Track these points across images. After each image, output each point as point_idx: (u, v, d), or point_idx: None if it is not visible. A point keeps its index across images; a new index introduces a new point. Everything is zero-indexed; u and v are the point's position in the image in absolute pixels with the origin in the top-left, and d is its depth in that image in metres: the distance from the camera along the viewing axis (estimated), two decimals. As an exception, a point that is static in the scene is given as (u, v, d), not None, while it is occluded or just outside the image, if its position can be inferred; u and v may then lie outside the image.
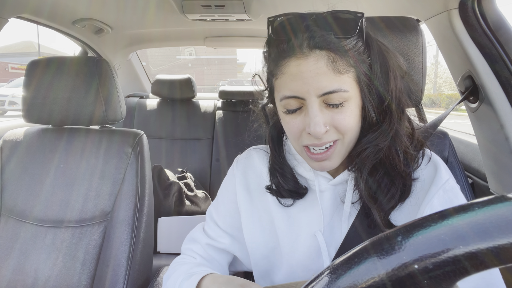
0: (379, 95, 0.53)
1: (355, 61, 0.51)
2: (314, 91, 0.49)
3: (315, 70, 0.49)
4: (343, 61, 0.50)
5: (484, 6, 0.85)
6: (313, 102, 0.50)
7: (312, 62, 0.49)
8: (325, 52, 0.49)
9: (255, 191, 0.67)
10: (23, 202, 1.02)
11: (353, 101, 0.52)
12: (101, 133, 1.09)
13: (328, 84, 0.49)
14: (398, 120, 0.54)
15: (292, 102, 0.52)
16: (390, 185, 0.55)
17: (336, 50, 0.49)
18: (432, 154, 0.60)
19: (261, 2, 1.36)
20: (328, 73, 0.49)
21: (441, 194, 0.54)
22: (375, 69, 0.53)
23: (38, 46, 17.13)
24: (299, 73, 0.50)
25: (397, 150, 0.54)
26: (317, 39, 0.49)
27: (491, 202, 0.21)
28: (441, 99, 11.53)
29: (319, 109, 0.51)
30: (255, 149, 0.71)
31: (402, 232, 0.22)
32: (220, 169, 2.06)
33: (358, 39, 0.52)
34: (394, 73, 0.54)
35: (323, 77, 0.49)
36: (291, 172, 0.63)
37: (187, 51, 4.71)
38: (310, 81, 0.49)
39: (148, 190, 1.06)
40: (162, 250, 1.55)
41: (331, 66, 0.49)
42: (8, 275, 0.96)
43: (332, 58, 0.49)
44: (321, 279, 0.23)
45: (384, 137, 0.53)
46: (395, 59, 0.56)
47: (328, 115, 0.51)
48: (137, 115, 2.22)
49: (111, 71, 1.08)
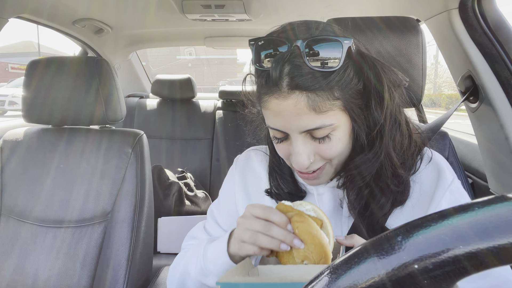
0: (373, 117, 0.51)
1: (341, 92, 0.48)
2: (295, 128, 0.49)
3: (295, 111, 0.47)
4: (326, 98, 0.47)
5: (484, 6, 0.85)
6: (296, 137, 0.50)
7: (292, 103, 0.47)
8: (305, 93, 0.46)
9: (253, 193, 0.67)
10: (23, 202, 1.02)
11: (341, 129, 0.50)
12: (101, 133, 1.09)
13: (310, 123, 0.48)
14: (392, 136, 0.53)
15: (277, 133, 0.52)
16: (381, 196, 0.55)
17: (317, 89, 0.46)
18: (433, 154, 0.60)
19: (261, 2, 1.36)
20: (309, 113, 0.47)
21: (448, 196, 0.54)
22: (367, 91, 0.51)
23: (38, 46, 17.12)
24: (279, 112, 0.49)
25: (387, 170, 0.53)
26: (297, 80, 0.46)
27: (491, 202, 0.21)
28: (441, 99, 11.52)
29: (303, 142, 0.50)
30: (254, 150, 0.71)
31: (402, 232, 0.22)
32: (220, 169, 2.06)
33: (346, 67, 0.49)
34: (390, 90, 0.52)
35: (304, 117, 0.47)
36: (290, 173, 0.63)
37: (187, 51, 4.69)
38: (291, 120, 0.48)
39: (148, 190, 1.06)
40: (162, 250, 1.55)
41: (312, 105, 0.47)
42: (8, 275, 0.96)
43: (312, 99, 0.46)
44: (321, 279, 0.23)
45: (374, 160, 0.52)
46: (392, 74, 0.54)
47: (313, 146, 0.51)
48: (137, 115, 2.22)
49: (111, 71, 1.08)
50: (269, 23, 1.82)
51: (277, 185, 0.63)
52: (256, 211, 0.48)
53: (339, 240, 0.49)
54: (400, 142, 0.54)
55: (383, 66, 0.53)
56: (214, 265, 0.55)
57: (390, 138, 0.53)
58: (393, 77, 0.54)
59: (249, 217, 0.49)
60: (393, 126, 0.53)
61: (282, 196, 0.62)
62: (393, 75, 0.54)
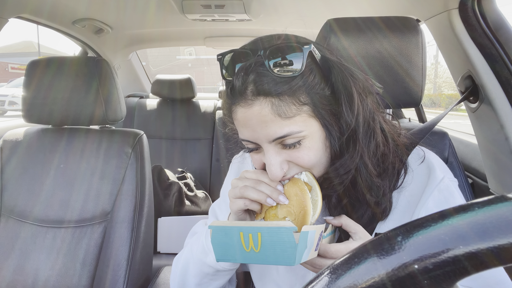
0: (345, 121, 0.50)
1: (308, 97, 0.48)
2: (264, 138, 0.48)
3: (261, 118, 0.47)
4: (291, 103, 0.47)
5: (484, 6, 0.85)
6: (266, 147, 0.49)
7: (257, 110, 0.47)
8: (269, 99, 0.46)
9: None
10: (23, 202, 1.02)
11: (312, 136, 0.50)
12: (101, 133, 1.09)
13: (278, 130, 0.47)
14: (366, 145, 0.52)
15: (249, 144, 0.52)
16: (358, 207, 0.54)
17: (281, 94, 0.46)
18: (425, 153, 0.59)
19: (261, 2, 1.36)
20: (274, 119, 0.47)
21: (436, 195, 0.53)
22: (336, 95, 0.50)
23: (38, 46, 17.12)
24: (246, 121, 0.49)
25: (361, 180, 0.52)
26: (259, 86, 0.46)
27: (491, 202, 0.21)
28: (441, 99, 11.53)
29: (274, 152, 0.50)
30: None
31: (402, 232, 0.22)
32: (220, 169, 2.06)
33: (310, 71, 0.49)
34: (360, 97, 0.51)
35: (270, 124, 0.47)
36: None
37: (187, 51, 4.68)
38: (258, 129, 0.48)
39: (148, 190, 1.06)
40: (162, 250, 1.55)
41: (278, 111, 0.46)
42: (8, 275, 0.96)
43: (277, 104, 0.46)
44: (321, 279, 0.23)
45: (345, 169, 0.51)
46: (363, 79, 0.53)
47: (286, 155, 0.50)
48: (137, 115, 2.22)
49: (111, 71, 1.08)
50: (269, 23, 1.82)
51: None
52: (249, 173, 0.52)
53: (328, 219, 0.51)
54: (374, 150, 0.53)
55: (351, 72, 0.52)
56: None
57: (365, 146, 0.51)
58: (364, 83, 0.53)
59: (242, 178, 0.53)
60: (366, 132, 0.52)
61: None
62: (364, 81, 0.53)
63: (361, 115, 0.51)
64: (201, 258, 0.59)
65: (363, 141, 0.51)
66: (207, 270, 0.59)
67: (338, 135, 0.51)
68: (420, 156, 0.58)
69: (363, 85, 0.53)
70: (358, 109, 0.50)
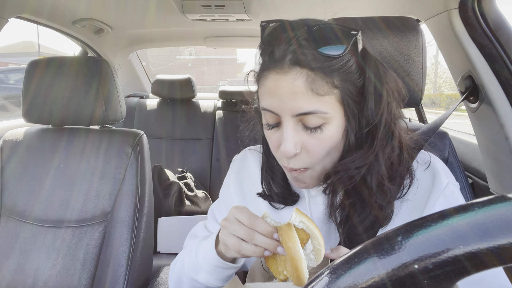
0: (367, 119, 0.50)
1: (341, 81, 0.48)
2: (289, 110, 0.47)
3: (292, 89, 0.46)
4: (325, 81, 0.46)
5: (484, 6, 0.85)
6: (288, 121, 0.48)
7: (290, 80, 0.46)
8: (306, 71, 0.46)
9: (248, 193, 0.67)
10: (23, 202, 1.02)
11: (334, 124, 0.49)
12: (101, 133, 1.09)
13: (304, 105, 0.46)
14: (382, 147, 0.51)
15: (269, 115, 0.51)
16: (361, 211, 0.53)
17: (318, 70, 0.46)
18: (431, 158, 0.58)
19: (261, 2, 1.36)
20: (305, 93, 0.46)
21: (442, 201, 0.53)
22: (366, 90, 0.50)
23: (38, 46, 17.12)
24: (276, 89, 0.48)
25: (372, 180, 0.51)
26: (299, 56, 0.46)
27: (491, 202, 0.21)
28: (441, 99, 11.52)
29: (294, 129, 0.49)
30: (250, 150, 0.71)
31: (402, 232, 0.22)
32: (220, 169, 2.06)
33: (349, 58, 0.48)
34: (388, 97, 0.50)
35: (300, 97, 0.46)
36: (282, 176, 0.61)
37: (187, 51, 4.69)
38: (286, 99, 0.47)
39: (148, 190, 1.06)
40: (162, 250, 1.55)
41: (310, 86, 0.46)
42: (8, 275, 0.96)
43: (312, 78, 0.46)
44: (321, 279, 0.23)
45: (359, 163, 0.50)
46: (394, 83, 0.53)
47: (303, 137, 0.49)
48: (137, 115, 2.22)
49: (111, 71, 1.08)
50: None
51: (269, 188, 0.62)
52: (241, 217, 0.48)
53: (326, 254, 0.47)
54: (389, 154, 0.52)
55: (385, 71, 0.52)
56: (205, 262, 0.56)
57: (381, 146, 0.51)
58: (394, 86, 0.53)
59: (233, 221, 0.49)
60: (386, 134, 0.51)
61: (274, 198, 0.62)
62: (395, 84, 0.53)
63: (384, 116, 0.50)
64: (192, 276, 0.59)
65: (381, 142, 0.51)
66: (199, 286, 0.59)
67: (356, 129, 0.51)
68: (426, 161, 0.58)
69: (393, 87, 0.52)
70: (383, 108, 0.50)
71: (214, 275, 0.55)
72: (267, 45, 0.50)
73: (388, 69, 0.53)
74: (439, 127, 0.75)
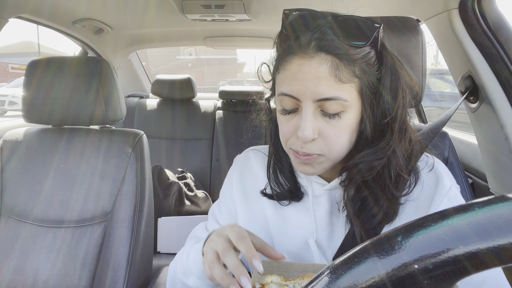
0: (383, 111, 0.51)
1: (361, 72, 0.49)
2: (311, 94, 0.48)
3: (316, 74, 0.47)
4: (348, 69, 0.48)
5: (484, 6, 0.85)
6: (308, 105, 0.49)
7: (315, 64, 0.48)
8: (330, 57, 0.47)
9: (251, 193, 0.67)
10: (23, 202, 1.02)
11: (351, 113, 0.50)
12: (101, 133, 1.09)
13: (327, 90, 0.47)
14: (399, 139, 0.52)
15: (287, 100, 0.51)
16: (373, 204, 0.54)
17: (342, 57, 0.47)
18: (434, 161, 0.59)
19: (261, 2, 1.36)
20: (329, 79, 0.47)
21: (445, 203, 0.53)
22: (383, 83, 0.51)
23: (38, 46, 17.12)
24: (299, 73, 0.48)
25: (390, 172, 0.52)
26: (325, 42, 0.47)
27: (491, 202, 0.21)
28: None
29: (313, 114, 0.49)
30: (253, 150, 0.71)
31: (402, 232, 0.22)
32: (220, 169, 2.06)
33: (370, 50, 0.50)
34: (403, 92, 0.52)
35: (323, 82, 0.47)
36: (290, 169, 0.62)
37: (187, 51, 4.69)
38: (309, 83, 0.48)
39: (148, 190, 1.06)
40: (162, 250, 1.55)
41: (334, 72, 0.47)
42: (8, 275, 0.96)
43: (336, 64, 0.47)
44: (321, 279, 0.23)
45: (380, 155, 0.51)
46: (409, 78, 0.54)
47: (321, 123, 0.50)
48: (137, 115, 2.22)
49: (111, 71, 1.08)
50: (269, 23, 1.82)
51: (276, 180, 0.62)
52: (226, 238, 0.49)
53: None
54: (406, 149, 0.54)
55: (402, 66, 0.54)
56: (194, 266, 0.56)
57: (398, 140, 0.52)
58: (409, 81, 0.54)
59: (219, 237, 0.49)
60: (401, 128, 0.52)
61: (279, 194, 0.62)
62: (409, 79, 0.54)
63: (400, 110, 0.52)
64: (183, 280, 0.59)
65: (397, 135, 0.52)
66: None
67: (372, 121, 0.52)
68: (429, 164, 0.58)
69: (408, 82, 0.54)
70: (399, 102, 0.51)
71: (203, 280, 0.55)
72: (291, 32, 0.51)
73: (403, 64, 0.54)
74: (441, 128, 0.75)
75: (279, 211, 0.63)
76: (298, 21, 0.51)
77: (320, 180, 0.60)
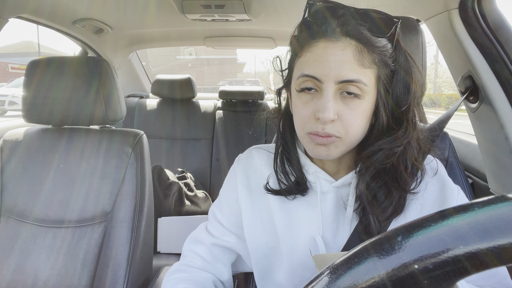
0: (396, 101, 0.53)
1: (380, 61, 0.51)
2: (334, 76, 0.50)
3: (341, 56, 0.50)
4: (369, 56, 0.50)
5: (484, 6, 0.85)
6: (330, 87, 0.50)
7: (340, 48, 0.50)
8: (354, 42, 0.50)
9: (256, 190, 0.67)
10: (23, 202, 1.02)
11: (368, 99, 0.52)
12: (101, 133, 1.09)
13: (349, 73, 0.49)
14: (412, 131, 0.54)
15: (309, 82, 0.53)
16: (386, 196, 0.55)
17: (365, 43, 0.50)
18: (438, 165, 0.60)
19: (261, 2, 1.36)
20: (352, 62, 0.49)
21: None
22: (398, 75, 0.53)
23: (38, 46, 17.13)
24: (324, 55, 0.50)
25: (406, 160, 0.54)
26: (350, 27, 0.50)
27: (491, 202, 0.21)
28: (441, 99, 11.52)
29: (334, 96, 0.51)
30: (256, 148, 0.71)
31: (402, 232, 0.22)
32: (220, 169, 2.06)
33: (387, 42, 0.53)
34: (416, 86, 0.54)
35: (347, 65, 0.49)
36: (297, 160, 0.63)
37: (187, 51, 4.70)
38: (333, 65, 0.50)
39: (148, 190, 1.06)
40: (162, 250, 1.55)
41: (357, 56, 0.49)
42: (8, 275, 0.96)
43: (359, 49, 0.50)
44: (321, 279, 0.23)
45: (398, 143, 0.53)
46: (420, 75, 0.56)
47: (340, 106, 0.51)
48: (137, 115, 2.22)
49: (111, 71, 1.08)
50: (269, 23, 1.82)
51: (283, 170, 0.63)
52: None
53: None
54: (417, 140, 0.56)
55: (414, 61, 0.56)
56: None
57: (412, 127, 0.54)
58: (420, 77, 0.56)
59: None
60: (412, 120, 0.54)
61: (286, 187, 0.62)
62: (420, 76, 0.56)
63: (412, 104, 0.54)
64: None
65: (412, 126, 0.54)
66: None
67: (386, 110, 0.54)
68: (433, 168, 0.60)
69: (418, 78, 0.56)
70: (412, 94, 0.54)
71: None
72: (317, 19, 0.53)
73: (415, 61, 0.56)
74: (442, 129, 0.75)
75: (285, 208, 0.63)
76: (323, 9, 0.53)
77: (328, 177, 0.60)
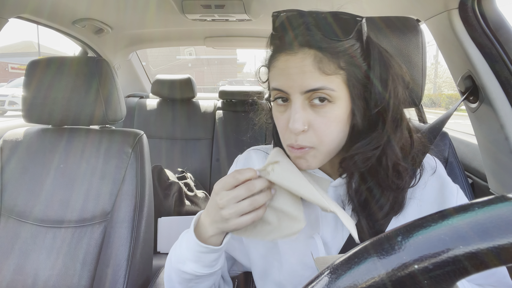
0: (375, 102, 0.52)
1: (347, 64, 0.51)
2: (298, 87, 0.50)
3: (301, 68, 0.50)
4: (332, 62, 0.50)
5: (484, 6, 0.85)
6: (296, 98, 0.51)
7: (299, 59, 0.50)
8: (313, 51, 0.50)
9: None
10: (23, 202, 1.02)
11: (340, 104, 0.51)
12: (101, 133, 1.09)
13: (312, 82, 0.49)
14: (393, 129, 0.53)
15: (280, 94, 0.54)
16: (380, 196, 0.55)
17: (324, 51, 0.50)
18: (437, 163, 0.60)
19: (261, 2, 1.36)
20: (313, 71, 0.49)
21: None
22: (372, 73, 0.52)
23: (38, 46, 17.13)
24: (285, 69, 0.51)
25: (387, 162, 0.53)
26: (307, 37, 0.50)
27: (491, 202, 0.21)
28: (441, 99, 11.52)
29: (302, 106, 0.51)
30: (254, 150, 0.71)
31: (402, 232, 0.22)
32: (220, 169, 2.06)
33: (355, 42, 0.52)
34: (394, 82, 0.53)
35: (308, 75, 0.49)
36: None
37: (187, 51, 4.71)
38: (295, 77, 0.50)
39: (148, 190, 1.06)
40: (162, 250, 1.55)
41: (317, 65, 0.49)
42: (8, 275, 0.96)
43: (319, 58, 0.49)
44: (321, 279, 0.23)
45: (373, 145, 0.52)
46: (398, 68, 0.55)
47: (310, 115, 0.51)
48: (137, 115, 2.22)
49: (111, 71, 1.08)
50: (269, 23, 1.82)
51: None
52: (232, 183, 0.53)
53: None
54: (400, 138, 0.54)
55: (389, 57, 0.55)
56: (188, 251, 0.58)
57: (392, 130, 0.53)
58: (398, 72, 0.55)
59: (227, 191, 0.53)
60: (395, 118, 0.53)
61: None
62: (398, 70, 0.55)
63: (392, 100, 0.53)
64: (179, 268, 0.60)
65: (391, 124, 0.53)
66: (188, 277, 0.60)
67: (364, 112, 0.53)
68: (432, 167, 0.59)
69: (398, 72, 0.55)
70: (390, 92, 0.52)
71: (199, 263, 0.57)
72: (279, 32, 0.54)
73: (392, 55, 0.56)
74: (441, 129, 0.75)
75: None
76: (285, 21, 0.54)
77: (326, 177, 0.60)
